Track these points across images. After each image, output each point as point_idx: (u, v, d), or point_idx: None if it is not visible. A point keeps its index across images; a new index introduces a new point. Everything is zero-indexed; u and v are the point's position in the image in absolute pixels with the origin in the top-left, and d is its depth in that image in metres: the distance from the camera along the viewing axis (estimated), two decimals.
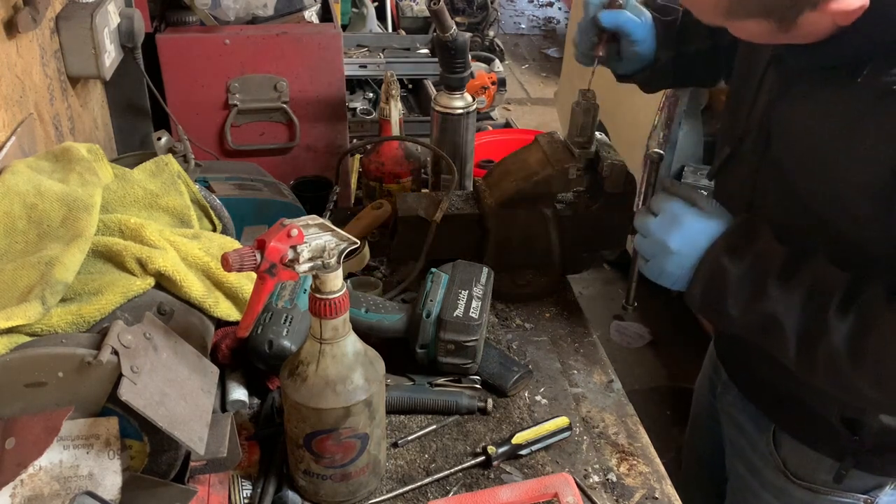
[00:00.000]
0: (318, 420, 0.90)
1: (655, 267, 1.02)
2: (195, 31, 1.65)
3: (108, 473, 0.82)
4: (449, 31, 1.44)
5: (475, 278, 1.22)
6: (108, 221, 1.00)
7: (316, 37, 1.64)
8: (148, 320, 0.87)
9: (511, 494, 0.94)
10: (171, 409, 0.81)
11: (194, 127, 1.56)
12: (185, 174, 1.14)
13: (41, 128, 1.23)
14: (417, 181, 1.63)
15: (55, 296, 0.87)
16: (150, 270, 0.96)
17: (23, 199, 0.95)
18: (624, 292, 1.45)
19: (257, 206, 1.37)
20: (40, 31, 1.25)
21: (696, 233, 0.98)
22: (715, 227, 0.98)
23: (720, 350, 1.33)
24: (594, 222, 1.39)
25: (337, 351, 0.89)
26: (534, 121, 5.13)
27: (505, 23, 7.09)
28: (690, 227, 0.98)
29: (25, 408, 0.79)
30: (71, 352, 0.79)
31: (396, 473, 1.03)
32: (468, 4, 5.03)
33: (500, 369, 1.18)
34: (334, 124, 1.71)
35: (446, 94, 1.54)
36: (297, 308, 1.11)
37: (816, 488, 1.14)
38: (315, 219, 0.84)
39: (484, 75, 2.55)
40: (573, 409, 1.16)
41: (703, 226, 0.98)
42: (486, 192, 1.40)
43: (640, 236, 1.04)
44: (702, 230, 0.98)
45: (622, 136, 2.79)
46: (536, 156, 1.38)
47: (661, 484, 1.04)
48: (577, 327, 1.35)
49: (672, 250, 0.98)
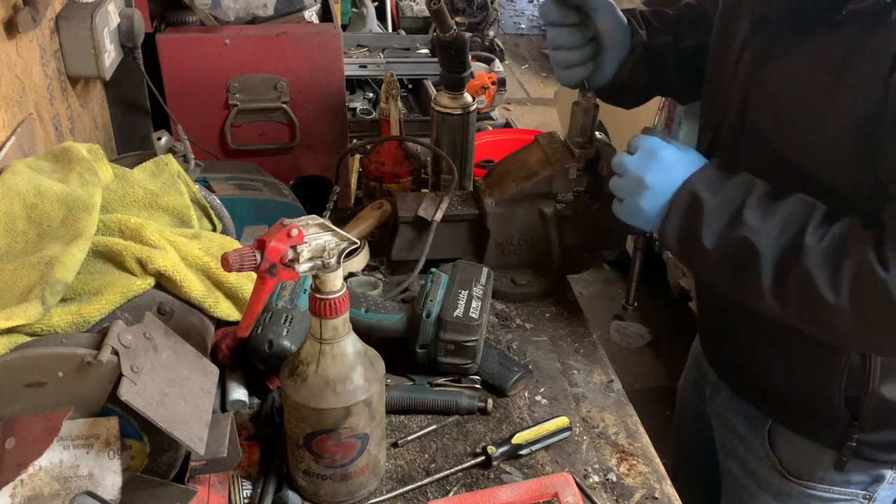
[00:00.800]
0: (318, 420, 0.90)
1: (630, 206, 1.01)
2: (195, 31, 1.65)
3: (108, 473, 0.82)
4: (449, 31, 1.44)
5: (475, 278, 1.22)
6: (108, 221, 1.00)
7: (316, 37, 1.64)
8: (148, 320, 0.87)
9: (511, 494, 0.94)
10: (171, 409, 0.81)
11: (194, 127, 1.56)
12: (185, 174, 1.14)
13: (41, 128, 1.23)
14: (417, 181, 1.63)
15: (55, 296, 0.87)
16: (150, 270, 0.96)
17: (23, 199, 0.95)
18: (624, 292, 1.45)
19: (257, 206, 1.37)
20: (40, 31, 1.25)
21: (674, 167, 0.97)
22: (692, 161, 0.98)
23: (709, 352, 1.32)
24: (594, 222, 1.39)
25: (337, 351, 0.89)
26: (534, 121, 5.14)
27: (505, 23, 7.09)
28: (667, 162, 0.98)
29: (25, 408, 0.79)
30: (71, 352, 0.79)
31: (396, 473, 1.03)
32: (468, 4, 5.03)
33: (500, 369, 1.18)
34: (334, 124, 1.71)
35: (446, 94, 1.54)
36: (297, 308, 1.11)
37: (814, 486, 1.14)
38: (315, 219, 0.84)
39: (484, 75, 2.55)
40: (573, 409, 1.16)
41: (681, 160, 0.98)
42: (486, 192, 1.40)
43: (616, 177, 1.03)
44: (679, 165, 0.97)
45: (622, 136, 2.79)
46: (536, 156, 1.39)
47: (661, 484, 1.04)
48: (577, 327, 1.34)
49: (648, 185, 0.97)
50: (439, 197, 1.42)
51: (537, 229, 1.40)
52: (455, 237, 1.42)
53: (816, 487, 1.14)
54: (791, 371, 1.09)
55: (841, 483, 1.13)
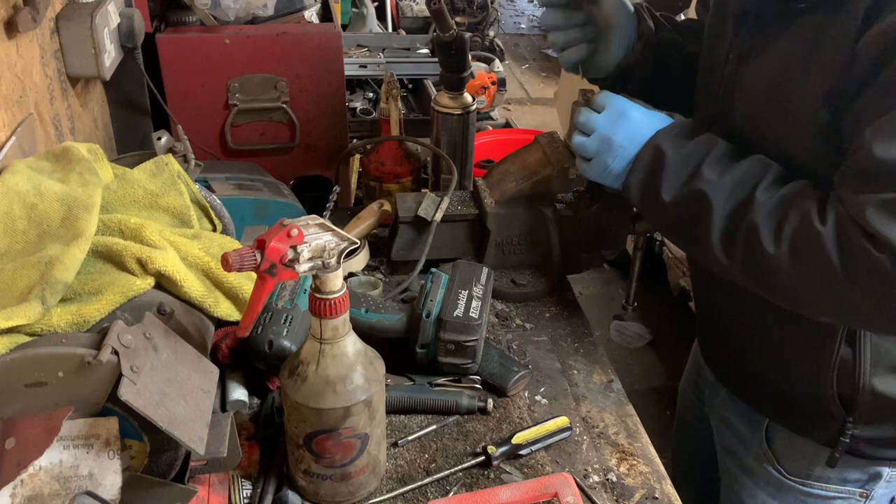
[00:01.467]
0: (318, 420, 0.90)
1: (598, 165, 1.03)
2: (195, 31, 1.65)
3: (108, 473, 0.82)
4: (449, 31, 1.44)
5: (475, 278, 1.22)
6: (109, 221, 1.00)
7: (316, 37, 1.64)
8: (148, 320, 0.87)
9: (511, 494, 0.94)
10: (171, 409, 0.81)
11: (194, 127, 1.56)
12: (185, 174, 1.14)
13: (41, 128, 1.23)
14: (417, 181, 1.63)
15: (55, 296, 0.87)
16: (150, 270, 0.96)
17: (23, 199, 0.95)
18: (624, 292, 1.45)
19: (257, 206, 1.38)
20: (40, 31, 1.25)
21: (642, 126, 1.00)
22: (660, 121, 1.00)
23: (706, 350, 1.33)
24: (594, 222, 1.39)
25: (337, 351, 0.89)
26: (534, 121, 5.14)
27: (505, 23, 7.09)
28: (636, 121, 1.00)
29: (25, 408, 0.79)
30: (71, 352, 0.79)
31: (396, 473, 1.03)
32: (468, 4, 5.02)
33: (500, 369, 1.18)
34: (334, 124, 1.71)
35: (446, 94, 1.54)
36: (297, 308, 1.11)
37: (811, 484, 1.14)
38: (315, 219, 0.84)
39: (484, 75, 2.54)
40: (573, 409, 1.16)
41: (649, 120, 1.00)
42: (486, 192, 1.40)
43: (581, 135, 1.04)
44: (647, 124, 1.00)
45: None
46: (536, 156, 1.39)
47: (661, 484, 1.04)
48: (577, 327, 1.34)
49: (617, 144, 1.00)
50: (439, 197, 1.42)
51: (537, 229, 1.40)
52: (455, 237, 1.42)
53: (813, 486, 1.14)
54: (786, 369, 1.09)
55: (838, 481, 1.13)
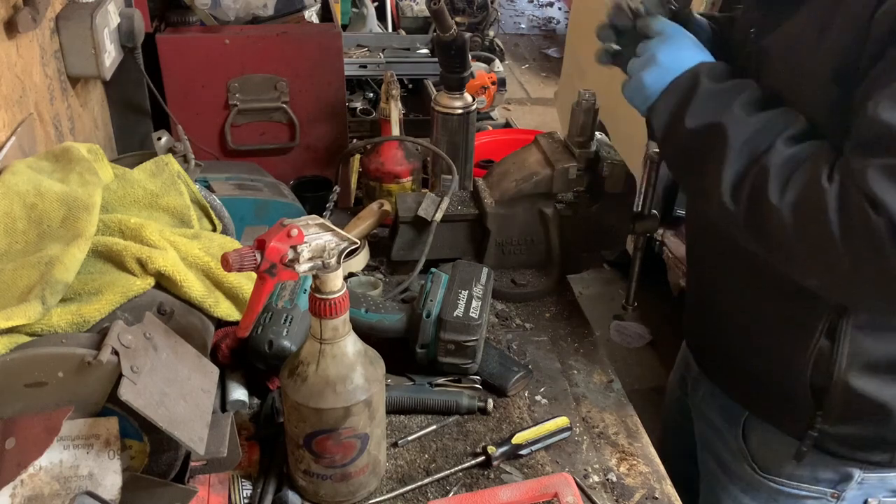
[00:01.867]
0: (318, 420, 0.90)
1: (636, 82, 1.03)
2: (195, 31, 1.65)
3: (108, 473, 0.82)
4: (449, 31, 1.44)
5: (475, 278, 1.22)
6: (108, 221, 1.00)
7: (316, 37, 1.64)
8: (148, 320, 0.87)
9: (511, 494, 0.94)
10: (171, 409, 0.81)
11: (194, 127, 1.56)
12: (185, 174, 1.14)
13: (41, 128, 1.23)
14: (417, 181, 1.63)
15: (55, 296, 0.87)
16: (150, 270, 0.96)
17: (23, 199, 0.95)
18: (624, 292, 1.45)
19: (257, 206, 1.37)
20: (40, 31, 1.25)
21: (687, 54, 1.01)
22: (707, 57, 1.02)
23: (689, 334, 1.34)
24: (594, 222, 1.39)
25: (337, 351, 0.89)
26: (534, 121, 5.14)
27: (505, 23, 7.09)
28: (684, 48, 1.02)
29: (25, 408, 0.79)
30: (71, 352, 0.79)
31: (396, 473, 1.03)
32: (468, 4, 5.01)
33: (500, 369, 1.18)
34: (334, 124, 1.71)
35: (446, 94, 1.54)
36: (297, 308, 1.11)
37: (783, 481, 1.15)
38: (315, 219, 0.84)
39: (484, 75, 2.54)
40: (573, 409, 1.16)
41: (696, 52, 1.02)
42: (486, 192, 1.40)
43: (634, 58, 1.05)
44: (692, 55, 1.01)
45: (622, 136, 2.79)
46: (536, 156, 1.39)
47: (661, 484, 1.04)
48: (577, 327, 1.34)
49: (659, 62, 1.01)
50: (439, 197, 1.42)
51: (537, 229, 1.40)
52: (455, 237, 1.42)
53: (785, 483, 1.15)
54: (765, 352, 1.10)
55: (809, 480, 1.13)
